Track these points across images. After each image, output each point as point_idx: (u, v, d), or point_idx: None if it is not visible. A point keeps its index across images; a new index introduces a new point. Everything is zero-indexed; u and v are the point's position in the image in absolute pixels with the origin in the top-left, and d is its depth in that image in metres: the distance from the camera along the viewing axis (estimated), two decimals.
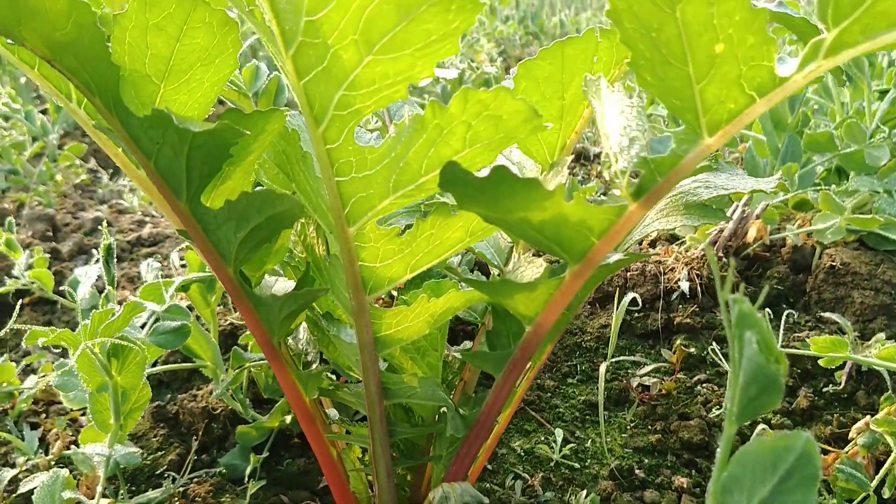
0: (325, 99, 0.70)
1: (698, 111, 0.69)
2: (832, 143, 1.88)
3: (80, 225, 2.17)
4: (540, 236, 0.77)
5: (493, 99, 0.68)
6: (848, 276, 1.69)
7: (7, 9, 0.64)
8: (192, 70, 0.80)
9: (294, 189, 0.87)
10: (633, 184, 0.74)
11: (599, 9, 7.01)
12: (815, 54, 0.63)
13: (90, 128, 0.87)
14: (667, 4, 0.63)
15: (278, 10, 0.65)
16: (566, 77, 0.90)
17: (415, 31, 0.64)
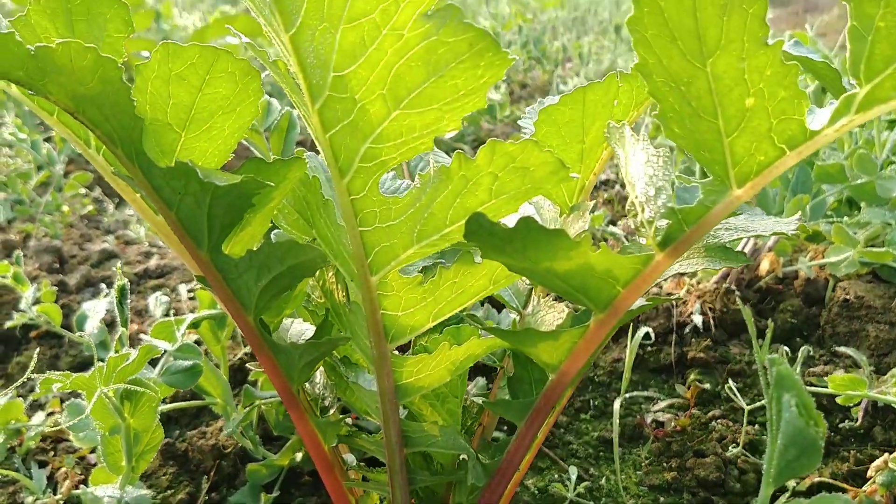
0: (351, 151, 0.69)
1: (727, 163, 0.68)
2: (843, 175, 1.87)
3: (87, 256, 2.16)
4: (565, 286, 0.76)
5: (520, 151, 0.67)
6: (862, 309, 1.68)
7: (32, 64, 0.63)
8: (213, 118, 0.80)
9: (314, 235, 0.86)
10: (660, 233, 0.74)
11: (601, 32, 7.04)
12: (847, 109, 0.63)
13: (108, 174, 0.86)
14: (697, 59, 0.63)
15: (305, 64, 0.65)
16: (587, 121, 0.90)
17: (443, 86, 0.63)
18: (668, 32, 0.62)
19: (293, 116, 1.50)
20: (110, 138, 0.72)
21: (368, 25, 0.61)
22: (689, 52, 0.62)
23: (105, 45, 0.77)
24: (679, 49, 0.63)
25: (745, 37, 0.60)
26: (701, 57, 0.62)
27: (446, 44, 0.60)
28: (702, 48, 0.62)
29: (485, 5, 7.05)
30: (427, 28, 0.60)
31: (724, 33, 0.61)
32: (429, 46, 0.61)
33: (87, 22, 0.76)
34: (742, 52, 0.61)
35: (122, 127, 0.71)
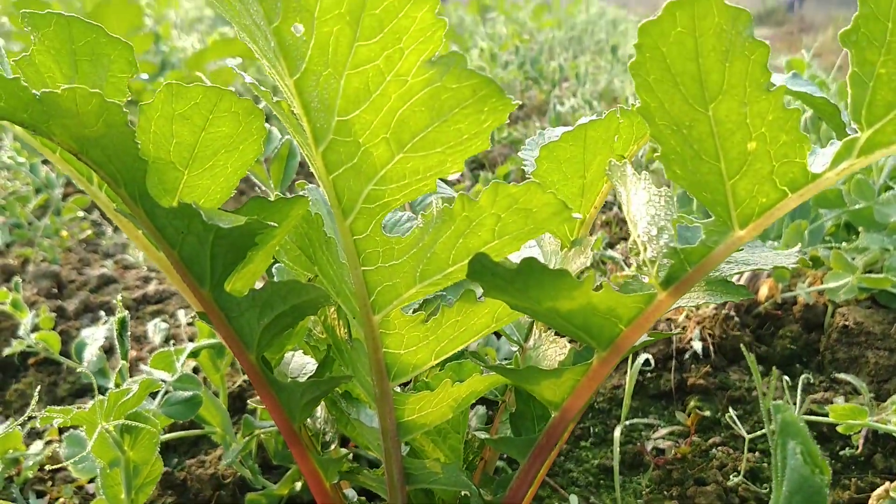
0: (354, 193, 0.69)
1: (729, 205, 0.69)
2: (841, 200, 1.88)
3: (86, 281, 2.16)
4: (568, 324, 0.76)
5: (523, 193, 0.67)
6: (861, 335, 1.68)
7: (37, 108, 0.63)
8: (216, 157, 0.80)
9: (316, 272, 0.86)
10: (663, 272, 0.74)
11: (597, 52, 7.07)
12: (848, 153, 0.63)
13: (111, 211, 0.86)
14: (699, 103, 0.63)
15: (309, 108, 0.65)
16: (588, 157, 0.90)
17: (447, 131, 0.63)
18: (671, 77, 0.62)
19: (293, 145, 1.50)
20: (114, 179, 0.72)
21: (373, 72, 0.61)
22: (691, 97, 0.63)
23: (109, 84, 0.77)
24: (681, 94, 0.63)
25: (748, 82, 0.61)
26: (703, 101, 0.63)
27: (450, 90, 0.61)
28: (704, 93, 0.62)
29: (482, 26, 7.09)
30: (431, 74, 0.60)
31: (727, 79, 0.61)
32: (432, 92, 0.61)
33: (91, 62, 0.76)
34: (744, 97, 0.61)
35: (126, 168, 0.71)
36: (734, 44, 0.60)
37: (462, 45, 5.61)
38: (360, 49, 0.60)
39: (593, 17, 9.54)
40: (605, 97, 5.07)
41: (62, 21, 0.73)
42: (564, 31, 7.93)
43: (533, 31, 7.98)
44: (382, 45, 0.59)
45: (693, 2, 0.59)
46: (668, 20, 0.60)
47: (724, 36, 0.59)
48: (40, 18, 0.73)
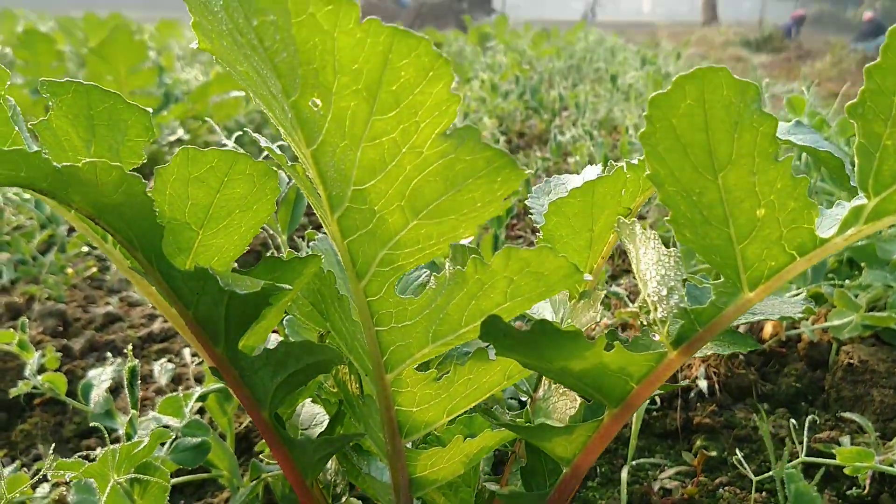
0: (369, 257, 0.70)
1: (739, 268, 0.70)
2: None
3: (92, 319, 2.16)
4: (580, 383, 0.77)
5: (535, 257, 0.68)
6: (866, 373, 1.68)
7: (56, 177, 0.65)
8: (230, 216, 0.81)
9: (328, 328, 0.87)
10: (674, 332, 0.75)
11: (597, 80, 7.13)
12: (855, 219, 0.64)
13: (124, 268, 0.87)
14: (709, 172, 0.64)
15: (326, 177, 0.66)
16: (596, 212, 0.91)
17: (461, 199, 0.64)
18: (680, 147, 0.64)
19: (300, 190, 1.52)
20: (130, 243, 0.73)
21: (388, 144, 0.62)
22: (700, 166, 0.64)
23: (125, 148, 0.79)
24: (691, 163, 0.64)
25: (756, 153, 0.62)
26: (712, 170, 0.64)
27: (464, 161, 0.62)
28: (713, 163, 0.63)
29: (482, 55, 7.15)
30: (445, 146, 0.61)
31: (736, 149, 0.62)
32: (447, 163, 0.62)
33: (108, 126, 0.77)
34: (753, 166, 0.63)
35: (143, 233, 0.72)
36: (743, 116, 0.61)
37: (463, 75, 5.65)
38: (377, 122, 0.61)
39: (592, 44, 9.63)
40: (604, 126, 5.10)
41: (81, 89, 0.74)
42: (563, 60, 7.99)
43: (532, 60, 8.05)
44: (398, 119, 0.61)
45: (702, 76, 0.60)
46: (677, 93, 0.61)
47: (732, 108, 0.61)
48: (59, 86, 0.74)
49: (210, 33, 0.64)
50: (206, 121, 3.43)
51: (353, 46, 0.57)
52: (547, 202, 1.15)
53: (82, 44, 6.25)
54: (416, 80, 0.59)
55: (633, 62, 7.43)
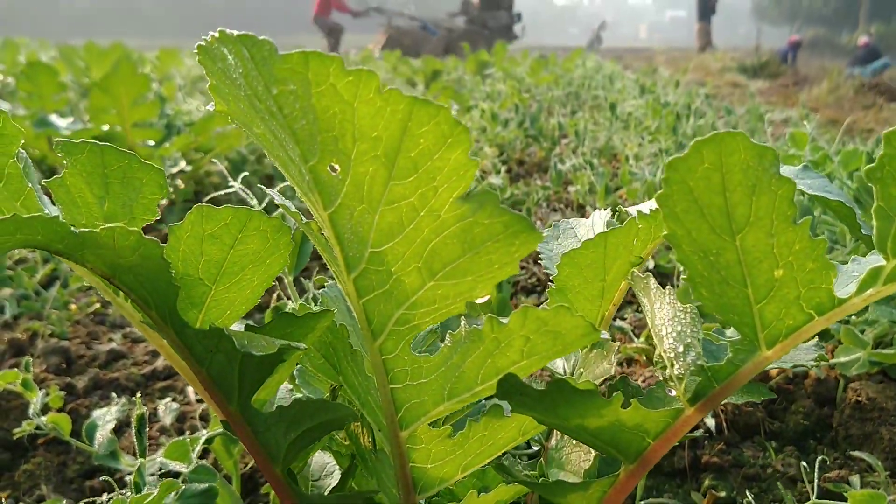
0: (384, 316, 0.70)
1: (757, 326, 0.69)
2: None
3: (95, 356, 2.15)
4: (596, 440, 0.76)
5: (552, 317, 0.68)
6: (874, 411, 1.67)
7: (73, 239, 0.64)
8: (243, 271, 0.81)
9: (341, 381, 0.87)
10: (690, 389, 0.74)
11: (595, 107, 7.16)
12: (874, 280, 0.64)
13: (137, 322, 0.87)
14: (726, 234, 0.64)
15: (342, 238, 0.66)
16: (608, 262, 0.91)
17: (478, 261, 0.64)
18: (697, 209, 0.64)
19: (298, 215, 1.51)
20: (144, 301, 0.73)
21: (406, 207, 0.62)
22: (718, 228, 0.64)
23: (139, 205, 0.79)
24: (708, 224, 0.64)
25: (774, 215, 0.62)
26: (730, 232, 0.64)
27: (482, 224, 0.62)
28: (731, 224, 0.63)
29: (482, 84, 7.19)
30: (463, 210, 0.61)
31: (754, 211, 0.62)
32: (465, 227, 0.62)
33: (122, 184, 0.77)
34: (771, 228, 0.63)
35: (158, 293, 0.72)
36: (761, 179, 0.61)
37: (462, 104, 5.68)
38: (395, 187, 0.61)
39: (590, 71, 9.68)
40: (604, 154, 5.12)
41: (95, 149, 0.74)
42: (562, 87, 8.04)
43: (531, 86, 8.09)
44: (417, 184, 0.61)
45: (720, 140, 0.60)
46: (694, 157, 0.61)
47: (750, 172, 0.61)
48: (74, 146, 0.74)
49: (227, 96, 0.65)
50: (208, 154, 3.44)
51: (372, 115, 0.57)
52: (556, 247, 1.15)
53: (83, 73, 6.28)
54: (434, 146, 0.59)
55: (632, 90, 7.48)
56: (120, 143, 3.07)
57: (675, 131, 4.76)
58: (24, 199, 0.80)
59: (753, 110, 6.05)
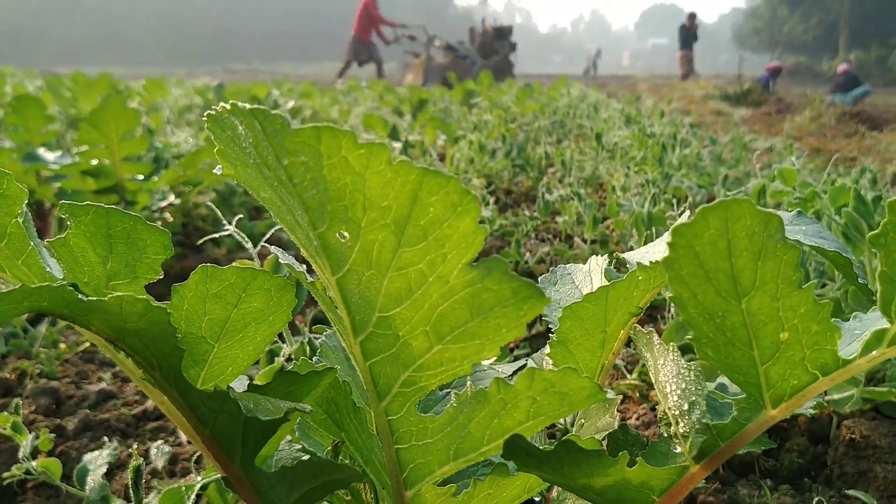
0: (391, 378, 0.70)
1: (762, 386, 0.70)
2: (839, 310, 1.91)
3: (85, 396, 2.13)
4: (601, 498, 0.76)
5: (558, 379, 0.68)
6: (868, 449, 1.68)
7: (79, 306, 0.64)
8: (246, 329, 0.81)
9: (343, 437, 0.86)
10: (696, 446, 0.74)
11: (581, 136, 7.22)
12: (878, 342, 0.65)
13: (138, 378, 0.86)
14: (732, 297, 0.65)
15: (350, 302, 0.66)
16: (609, 315, 0.92)
17: (486, 325, 0.65)
18: (703, 273, 0.64)
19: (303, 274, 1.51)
20: (149, 363, 0.73)
21: (415, 273, 0.62)
22: (723, 291, 0.65)
23: (142, 265, 0.78)
24: (714, 287, 0.65)
25: (780, 280, 0.63)
26: (736, 296, 0.64)
27: (491, 290, 0.62)
28: (737, 288, 0.64)
29: (469, 114, 7.23)
30: (472, 276, 0.62)
31: (759, 276, 0.63)
32: (473, 292, 0.62)
33: (126, 244, 0.77)
34: (776, 292, 0.63)
35: (163, 355, 0.71)
36: (766, 245, 0.62)
37: (450, 135, 5.71)
38: (404, 254, 0.61)
39: (575, 100, 9.77)
40: (591, 183, 5.15)
41: (100, 211, 0.74)
42: (547, 116, 8.10)
43: (517, 115, 8.15)
44: (425, 250, 0.61)
45: (726, 207, 0.61)
46: (701, 223, 0.62)
47: (756, 238, 0.61)
48: (79, 208, 0.74)
49: (235, 162, 0.65)
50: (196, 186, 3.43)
51: (383, 185, 0.58)
52: (553, 293, 1.16)
53: (70, 104, 6.27)
54: (444, 215, 0.59)
55: (617, 119, 7.54)
56: (109, 178, 3.07)
57: (662, 162, 4.80)
58: (25, 258, 0.80)
59: (738, 139, 6.12)
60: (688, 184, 4.19)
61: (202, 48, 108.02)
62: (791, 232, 1.02)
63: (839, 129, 8.18)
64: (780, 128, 8.44)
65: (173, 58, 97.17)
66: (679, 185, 4.40)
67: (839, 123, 8.47)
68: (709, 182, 4.51)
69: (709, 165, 5.15)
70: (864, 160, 6.33)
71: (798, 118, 9.09)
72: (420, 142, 5.21)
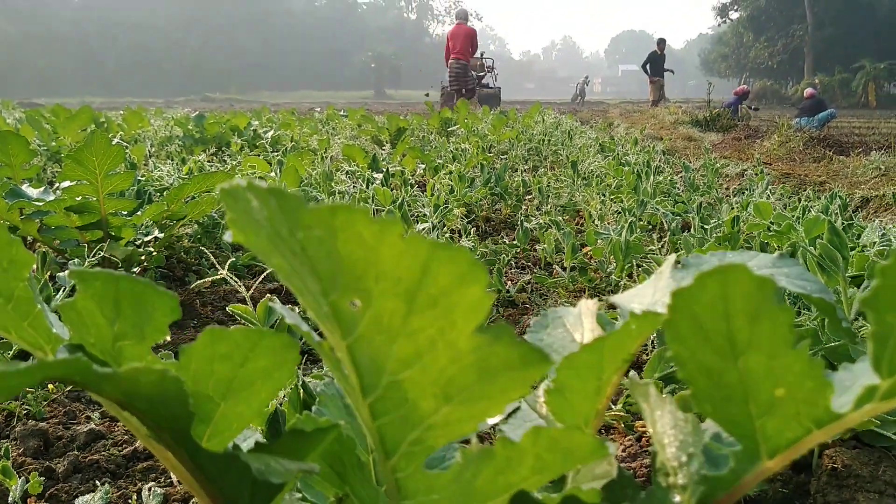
0: (399, 437, 0.72)
1: (758, 440, 0.72)
2: (817, 339, 1.95)
3: (73, 437, 2.11)
4: None
5: (563, 436, 0.70)
6: (850, 478, 1.71)
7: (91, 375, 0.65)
8: (252, 387, 0.82)
9: (347, 491, 0.88)
10: (695, 497, 0.77)
11: (555, 162, 7.30)
12: (869, 397, 0.67)
13: (143, 436, 0.87)
14: (728, 357, 0.67)
15: (359, 365, 0.68)
16: (605, 363, 0.94)
17: (493, 387, 0.67)
18: (702, 333, 0.67)
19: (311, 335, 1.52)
20: (158, 425, 0.74)
21: (424, 339, 0.64)
22: (720, 351, 0.67)
23: (150, 327, 0.79)
24: (712, 347, 0.67)
25: (775, 340, 0.65)
26: (733, 355, 0.67)
27: (499, 355, 0.64)
28: (733, 348, 0.67)
29: (448, 144, 7.29)
30: (480, 341, 0.64)
31: (755, 337, 0.66)
32: (482, 356, 0.64)
33: (134, 308, 0.78)
34: (772, 352, 0.66)
35: (174, 419, 0.72)
36: (761, 307, 0.64)
37: (429, 164, 5.75)
38: (414, 320, 0.63)
39: (549, 127, 9.86)
40: (568, 211, 5.20)
41: (110, 278, 0.76)
42: (523, 143, 8.17)
43: (493, 143, 8.22)
44: (435, 317, 0.63)
45: (723, 272, 0.63)
46: (699, 287, 0.64)
47: (751, 300, 0.64)
48: (89, 275, 0.76)
49: (246, 230, 0.66)
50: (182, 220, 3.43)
51: (395, 257, 0.60)
52: (545, 337, 1.18)
53: (51, 136, 6.24)
54: (453, 284, 0.61)
55: (592, 147, 7.64)
56: (93, 214, 3.06)
57: (637, 190, 4.86)
58: (31, 320, 0.81)
59: (709, 165, 6.21)
60: (663, 211, 4.25)
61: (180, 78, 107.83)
62: (776, 276, 1.05)
63: (807, 154, 8.33)
64: (750, 153, 8.59)
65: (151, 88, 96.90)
66: (654, 213, 4.46)
67: (807, 148, 8.63)
68: (683, 209, 4.57)
69: (683, 192, 5.23)
70: (832, 185, 6.46)
71: (767, 143, 9.24)
72: (400, 171, 5.24)
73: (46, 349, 0.83)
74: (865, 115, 27.22)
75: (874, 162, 6.90)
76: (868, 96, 43.40)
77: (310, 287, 0.65)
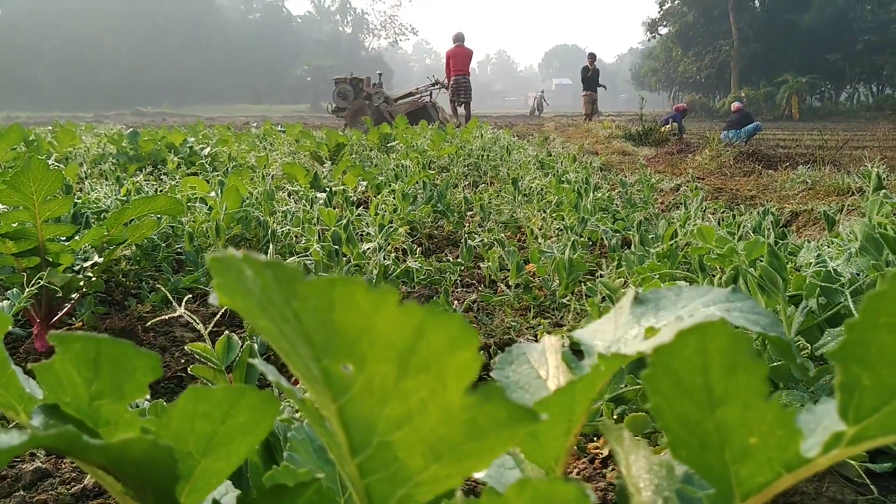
0: (386, 494, 0.73)
1: (732, 484, 0.75)
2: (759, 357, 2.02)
3: (19, 477, 2.04)
4: None
5: (547, 487, 0.72)
6: (797, 495, 1.77)
7: (79, 443, 0.65)
8: (232, 442, 0.81)
9: None
10: None
11: (495, 177, 7.37)
12: (836, 443, 0.71)
13: (118, 493, 0.86)
14: (705, 408, 0.70)
15: (350, 427, 0.68)
16: (575, 406, 0.96)
17: (482, 445, 0.68)
18: (680, 385, 0.69)
19: (254, 349, 1.52)
20: (143, 489, 0.73)
21: (416, 400, 0.65)
22: (697, 402, 0.70)
23: (130, 386, 0.79)
24: (689, 398, 0.70)
25: (750, 392, 0.68)
26: (710, 406, 0.70)
27: (488, 414, 0.66)
28: (710, 399, 0.70)
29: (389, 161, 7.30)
30: (470, 401, 0.65)
31: (731, 389, 0.69)
32: (472, 415, 0.66)
33: (114, 368, 0.77)
34: (747, 403, 0.69)
35: (159, 481, 0.72)
36: (737, 361, 0.67)
37: (371, 181, 5.75)
38: (406, 383, 0.64)
39: (488, 143, 9.95)
40: (509, 227, 5.26)
41: (91, 340, 0.75)
42: (462, 158, 8.23)
43: (432, 159, 8.26)
44: (427, 379, 0.64)
45: (703, 329, 0.66)
46: (679, 343, 0.67)
47: (727, 354, 0.67)
48: (69, 338, 0.75)
49: (234, 295, 0.67)
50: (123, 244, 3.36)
51: (390, 324, 0.61)
52: (511, 373, 1.20)
53: None
54: (445, 348, 0.63)
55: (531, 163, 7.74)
56: (30, 241, 2.98)
57: (577, 207, 4.95)
58: (5, 380, 0.79)
59: (645, 181, 6.35)
60: (603, 228, 4.33)
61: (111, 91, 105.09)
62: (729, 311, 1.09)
63: (737, 168, 8.60)
64: (683, 167, 8.83)
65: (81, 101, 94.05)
66: (594, 230, 4.54)
67: (737, 162, 8.91)
68: (623, 226, 4.67)
69: (621, 208, 5.34)
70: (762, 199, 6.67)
71: (699, 157, 9.50)
72: (342, 189, 5.23)
73: (19, 409, 0.81)
74: (789, 128, 28.19)
75: (801, 176, 7.15)
76: (792, 109, 44.95)
77: (300, 352, 0.66)
